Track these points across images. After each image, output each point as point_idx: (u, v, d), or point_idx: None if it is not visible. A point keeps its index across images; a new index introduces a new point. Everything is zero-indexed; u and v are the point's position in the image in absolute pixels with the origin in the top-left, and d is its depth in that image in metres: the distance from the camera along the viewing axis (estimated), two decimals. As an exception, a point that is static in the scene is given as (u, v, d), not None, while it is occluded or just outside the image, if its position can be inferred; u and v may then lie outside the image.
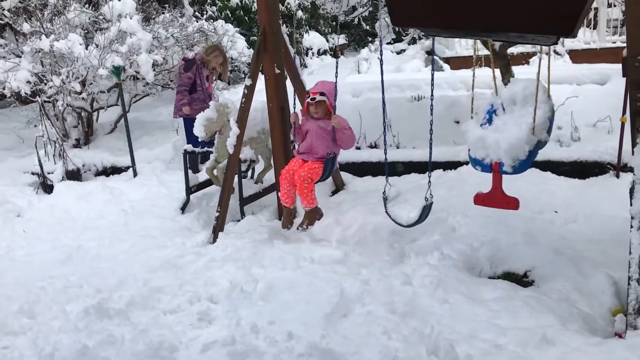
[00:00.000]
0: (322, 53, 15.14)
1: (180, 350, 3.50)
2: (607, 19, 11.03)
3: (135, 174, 7.06)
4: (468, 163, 6.03)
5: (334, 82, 4.87)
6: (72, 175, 7.08)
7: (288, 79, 5.53)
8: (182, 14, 10.20)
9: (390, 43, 14.55)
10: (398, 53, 14.57)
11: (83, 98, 7.64)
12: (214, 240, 5.13)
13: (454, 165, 6.29)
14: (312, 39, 14.79)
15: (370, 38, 16.16)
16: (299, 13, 14.41)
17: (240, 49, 9.33)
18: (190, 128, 6.84)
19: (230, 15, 13.03)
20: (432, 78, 4.09)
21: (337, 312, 3.68)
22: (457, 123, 7.10)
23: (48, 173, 6.94)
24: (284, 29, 5.42)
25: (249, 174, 6.41)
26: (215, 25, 9.15)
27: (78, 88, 7.16)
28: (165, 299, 4.11)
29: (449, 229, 4.71)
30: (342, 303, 3.76)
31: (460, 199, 5.06)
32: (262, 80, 5.31)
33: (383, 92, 4.42)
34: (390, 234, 4.71)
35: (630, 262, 3.31)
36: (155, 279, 4.42)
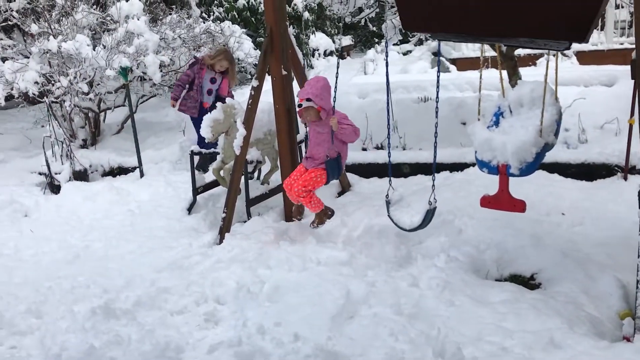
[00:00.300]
0: (328, 54, 15.15)
1: (187, 351, 3.52)
2: (614, 20, 10.95)
3: (142, 175, 7.08)
4: (475, 165, 6.02)
5: (325, 78, 4.75)
6: (79, 176, 7.10)
7: (295, 80, 5.54)
8: (189, 15, 10.22)
9: (397, 44, 14.53)
10: (404, 54, 14.54)
11: (90, 99, 7.67)
12: (221, 241, 5.14)
13: (461, 167, 6.27)
14: (318, 40, 14.80)
15: (377, 39, 16.14)
16: (306, 14, 14.42)
17: (247, 50, 9.33)
18: (198, 127, 6.92)
19: (237, 17, 13.04)
20: (437, 79, 4.08)
21: (343, 313, 3.69)
22: (463, 124, 7.09)
23: (55, 173, 6.97)
24: (291, 30, 5.42)
25: (255, 175, 6.42)
26: (222, 27, 9.16)
27: (85, 89, 7.19)
28: (172, 300, 4.13)
29: (456, 231, 4.70)
30: (348, 305, 3.77)
31: (467, 201, 5.05)
32: (269, 82, 5.32)
33: (389, 93, 4.41)
34: (397, 236, 4.70)
35: (639, 265, 3.30)
36: (162, 280, 4.44)
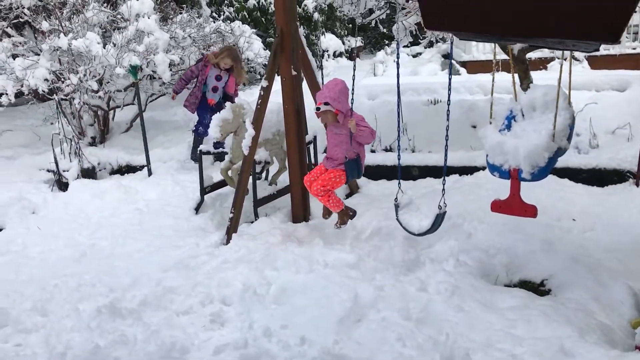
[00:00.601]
0: (337, 55, 15.13)
1: (192, 352, 3.49)
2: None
3: (150, 173, 7.08)
4: (485, 168, 5.97)
5: (343, 81, 4.75)
6: (87, 173, 7.10)
7: (304, 81, 5.51)
8: (199, 15, 10.23)
9: (407, 46, 14.48)
10: (414, 56, 14.50)
11: (100, 96, 7.68)
12: (228, 242, 5.11)
13: (471, 171, 6.22)
14: (328, 41, 14.80)
15: (387, 41, 16.11)
16: (316, 15, 14.41)
17: (257, 50, 9.33)
18: (202, 115, 7.15)
19: (247, 17, 13.05)
20: (449, 82, 4.03)
21: (350, 317, 3.65)
22: (474, 127, 7.04)
23: (63, 171, 6.96)
24: (301, 31, 5.39)
25: (263, 176, 6.40)
26: (232, 26, 9.16)
27: (95, 86, 7.19)
28: (178, 300, 4.10)
29: (465, 235, 4.65)
30: (356, 308, 3.73)
31: (477, 205, 5.01)
32: (278, 82, 5.29)
33: (399, 95, 4.37)
34: (405, 239, 4.65)
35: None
36: (168, 279, 4.41)
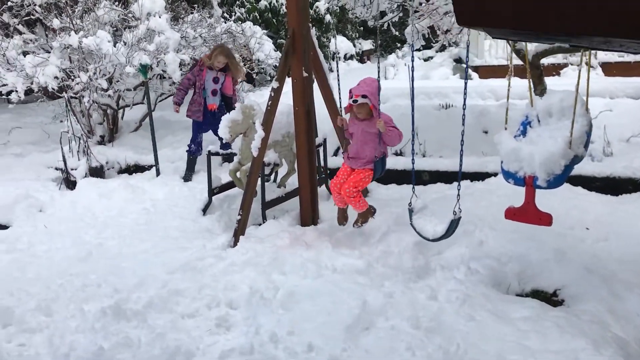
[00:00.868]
0: (348, 58, 15.08)
1: (197, 357, 3.43)
2: (642, 32, 10.77)
3: (158, 173, 7.04)
4: (496, 174, 5.90)
5: (377, 80, 4.67)
6: (95, 172, 7.08)
7: (316, 82, 5.45)
8: (210, 15, 10.19)
9: (419, 50, 14.40)
10: (425, 60, 14.45)
11: (109, 95, 7.65)
12: (235, 244, 5.05)
13: (482, 177, 6.14)
14: (339, 44, 14.76)
15: (399, 44, 16.05)
16: (327, 17, 14.37)
17: (268, 52, 9.27)
18: (202, 130, 6.86)
19: (259, 17, 13.03)
20: (465, 87, 3.96)
21: (359, 324, 3.58)
22: (485, 133, 6.97)
23: (71, 169, 6.94)
24: (313, 32, 5.34)
25: (272, 178, 6.34)
26: (244, 27, 9.12)
27: (105, 85, 7.16)
28: (184, 302, 4.04)
29: (476, 243, 4.57)
30: (364, 315, 3.65)
31: (488, 212, 4.92)
32: (288, 83, 5.23)
33: (413, 99, 4.31)
34: (415, 245, 4.57)
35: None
36: (175, 281, 4.35)
